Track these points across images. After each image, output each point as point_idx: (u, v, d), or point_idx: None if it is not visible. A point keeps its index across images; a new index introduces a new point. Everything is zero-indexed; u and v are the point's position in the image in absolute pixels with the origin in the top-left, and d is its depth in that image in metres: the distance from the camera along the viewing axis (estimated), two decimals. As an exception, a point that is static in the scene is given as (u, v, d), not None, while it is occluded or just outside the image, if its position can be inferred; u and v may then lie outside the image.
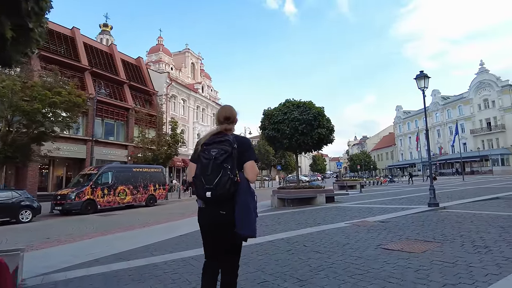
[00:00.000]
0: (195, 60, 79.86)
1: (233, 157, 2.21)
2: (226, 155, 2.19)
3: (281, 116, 14.16)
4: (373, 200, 13.84)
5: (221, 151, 2.20)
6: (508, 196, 11.89)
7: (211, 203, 2.24)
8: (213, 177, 2.16)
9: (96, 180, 15.88)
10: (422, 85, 10.14)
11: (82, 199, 14.89)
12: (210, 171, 2.18)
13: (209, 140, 2.35)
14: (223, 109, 2.59)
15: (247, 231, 2.20)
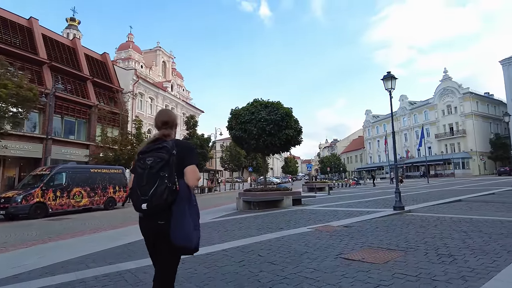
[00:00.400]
0: (166, 59, 78.04)
1: (170, 164, 2.09)
2: (162, 163, 2.08)
3: (249, 116, 13.66)
4: (340, 203, 13.64)
5: (157, 159, 2.09)
6: (469, 199, 12.03)
7: (154, 214, 2.13)
8: (149, 187, 2.05)
9: (48, 182, 14.62)
10: (389, 86, 9.99)
11: (30, 202, 13.61)
12: (146, 182, 2.08)
13: (146, 148, 2.24)
14: (160, 114, 2.48)
15: (181, 241, 2.07)
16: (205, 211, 13.77)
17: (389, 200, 13.03)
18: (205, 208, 15.87)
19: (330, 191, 21.98)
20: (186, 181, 2.14)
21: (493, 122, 57.48)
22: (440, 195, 14.83)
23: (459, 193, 15.21)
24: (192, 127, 30.17)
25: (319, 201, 15.52)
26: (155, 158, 2.10)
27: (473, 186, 20.65)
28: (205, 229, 7.97)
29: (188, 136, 30.44)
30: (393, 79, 10.02)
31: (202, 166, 31.20)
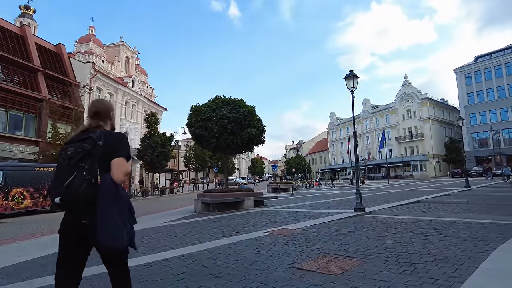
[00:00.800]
0: (130, 54, 74.99)
1: (93, 155, 1.96)
2: (82, 153, 1.96)
3: (209, 113, 13.01)
4: (302, 204, 13.34)
5: (78, 149, 1.98)
6: (426, 200, 12.17)
7: (70, 210, 2.02)
8: (64, 179, 1.91)
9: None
10: (351, 85, 9.78)
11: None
12: (63, 173, 1.94)
13: (72, 138, 2.14)
14: (92, 104, 2.34)
15: (107, 240, 1.88)
16: (160, 214, 12.94)
17: (350, 201, 12.92)
18: (161, 210, 14.98)
19: (293, 192, 21.78)
20: (111, 175, 1.96)
21: (447, 127, 60.74)
22: (400, 196, 15.00)
23: (418, 194, 15.49)
24: (153, 124, 28.82)
25: (281, 202, 15.17)
26: (75, 148, 1.98)
27: (430, 188, 21.32)
28: (153, 235, 7.25)
29: (149, 135, 29.07)
30: (355, 78, 9.82)
31: (163, 166, 29.94)
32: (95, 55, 62.72)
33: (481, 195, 13.21)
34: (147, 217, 11.97)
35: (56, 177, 1.98)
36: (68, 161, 1.96)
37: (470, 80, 52.77)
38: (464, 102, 52.75)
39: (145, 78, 78.03)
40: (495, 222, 6.75)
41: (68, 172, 1.91)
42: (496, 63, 50.25)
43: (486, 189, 17.56)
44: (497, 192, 14.94)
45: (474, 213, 8.21)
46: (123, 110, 35.70)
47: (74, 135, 2.16)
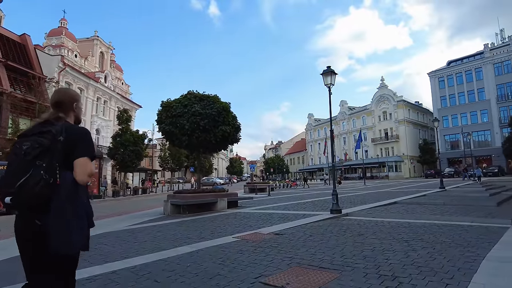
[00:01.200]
0: (105, 50, 72.49)
1: (52, 152, 1.76)
2: (40, 149, 1.75)
3: (181, 109, 12.26)
4: (278, 205, 12.84)
5: (35, 145, 1.77)
6: (403, 201, 11.96)
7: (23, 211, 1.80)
8: (17, 178, 1.71)
9: None
10: (329, 82, 9.36)
11: None
12: (16, 170, 1.75)
13: (29, 130, 1.92)
14: (54, 92, 2.12)
15: (60, 245, 1.71)
16: (127, 216, 12.09)
17: (327, 202, 12.55)
18: (129, 212, 14.10)
19: (270, 192, 21.32)
20: (74, 176, 1.79)
21: (421, 129, 62.31)
22: (376, 197, 14.80)
23: (394, 195, 15.36)
24: (125, 122, 27.57)
25: (257, 203, 14.63)
26: (32, 143, 1.79)
27: (405, 188, 21.42)
28: (111, 240, 6.51)
29: (120, 132, 27.80)
30: (333, 74, 9.41)
31: (136, 165, 28.74)
32: (67, 49, 60.09)
33: (456, 196, 13.17)
34: (113, 220, 11.13)
35: (7, 174, 1.79)
36: (22, 157, 1.77)
37: (443, 83, 54.29)
38: (438, 105, 54.21)
39: (120, 75, 75.63)
40: (474, 225, 6.47)
41: (22, 169, 1.73)
42: (467, 68, 51.94)
43: (460, 189, 17.73)
44: (470, 192, 15.01)
45: (452, 214, 7.96)
46: (94, 107, 34.11)
47: (30, 127, 1.97)
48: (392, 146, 58.82)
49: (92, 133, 33.69)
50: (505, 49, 48.51)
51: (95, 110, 34.03)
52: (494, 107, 48.43)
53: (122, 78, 75.65)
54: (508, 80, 47.45)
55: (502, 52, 48.60)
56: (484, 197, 12.34)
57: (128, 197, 27.05)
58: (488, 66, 49.50)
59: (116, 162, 27.90)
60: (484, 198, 11.93)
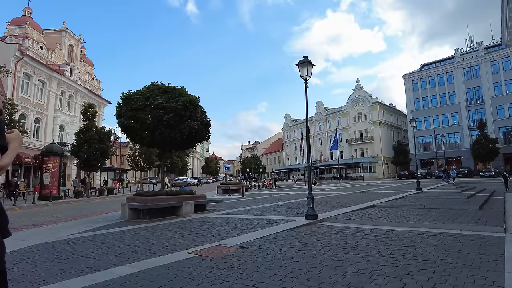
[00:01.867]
0: (74, 43, 68.79)
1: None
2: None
3: (142, 101, 11.00)
4: (250, 208, 11.83)
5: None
6: (382, 204, 11.27)
7: None
8: None
9: None
10: (305, 73, 8.46)
11: None
12: None
13: None
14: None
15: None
16: (79, 221, 10.71)
17: (302, 205, 11.70)
18: (86, 215, 12.68)
19: (244, 194, 20.30)
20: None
21: (395, 131, 63.35)
22: (353, 199, 14.12)
23: (372, 197, 14.74)
24: (90, 117, 25.70)
25: (228, 205, 13.58)
26: None
27: (381, 189, 21.03)
28: (39, 256, 5.29)
29: (85, 129, 25.90)
30: (310, 65, 8.51)
31: (101, 164, 26.90)
32: (32, 40, 56.54)
33: (435, 199, 12.68)
34: (60, 226, 9.75)
35: None
36: None
37: (416, 86, 55.34)
38: (411, 107, 55.16)
39: (91, 69, 72.14)
40: (466, 234, 5.74)
41: None
42: (439, 72, 53.16)
43: (436, 191, 17.42)
44: (448, 194, 14.63)
45: (437, 221, 7.24)
46: (58, 101, 31.78)
47: None
48: (367, 147, 59.37)
49: (55, 129, 31.57)
50: (474, 55, 49.99)
51: (59, 105, 31.71)
52: (463, 110, 49.79)
53: (93, 73, 72.26)
54: (477, 84, 48.93)
55: (471, 58, 50.06)
56: (463, 200, 11.88)
57: (92, 198, 25.20)
58: (458, 70, 50.86)
59: (79, 161, 25.96)
60: (463, 201, 11.45)
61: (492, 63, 47.57)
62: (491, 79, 47.36)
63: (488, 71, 47.67)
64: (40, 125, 28.86)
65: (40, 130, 28.88)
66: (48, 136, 28.63)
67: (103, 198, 25.45)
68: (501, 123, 45.97)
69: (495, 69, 47.26)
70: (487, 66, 47.84)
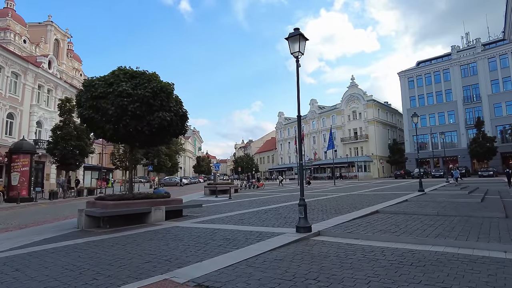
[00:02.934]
0: (60, 37, 66.61)
1: None
2: None
3: (104, 88, 9.25)
4: (232, 214, 10.15)
5: None
6: (386, 210, 9.68)
7: None
8: None
9: None
10: (296, 49, 6.79)
11: None
12: None
13: None
14: None
15: None
16: (27, 231, 9.02)
17: (294, 210, 10.07)
18: (41, 222, 10.88)
19: (235, 194, 18.61)
20: None
21: (390, 129, 62.11)
22: (351, 202, 12.52)
23: (371, 200, 13.16)
24: (68, 112, 23.78)
25: (210, 210, 11.90)
26: None
27: (380, 190, 19.53)
28: None
29: (62, 124, 23.98)
30: (302, 39, 6.84)
31: (79, 163, 25.01)
32: (14, 33, 54.28)
33: (444, 203, 11.14)
34: None
35: None
36: None
37: (412, 84, 54.09)
38: (407, 105, 53.94)
39: (79, 65, 69.99)
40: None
41: None
42: (435, 69, 51.97)
43: (441, 193, 15.94)
44: (455, 197, 13.11)
45: (464, 234, 5.64)
46: (35, 95, 29.68)
47: None
48: (361, 146, 58.04)
49: (31, 125, 29.45)
50: (471, 52, 48.87)
51: (36, 99, 29.61)
52: (460, 108, 48.66)
53: (80, 68, 70.05)
54: (474, 82, 47.80)
55: (468, 55, 48.94)
56: (477, 204, 10.35)
57: (69, 199, 23.26)
58: (455, 67, 49.71)
59: (56, 159, 24.02)
60: (478, 206, 9.92)
61: (489, 60, 46.48)
62: (488, 76, 46.26)
63: (485, 68, 46.57)
64: (13, 120, 26.77)
65: (14, 126, 26.79)
66: (24, 133, 26.56)
67: (81, 200, 23.51)
68: (498, 122, 44.89)
69: (492, 66, 46.17)
70: (484, 63, 46.73)
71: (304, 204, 6.28)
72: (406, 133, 54.47)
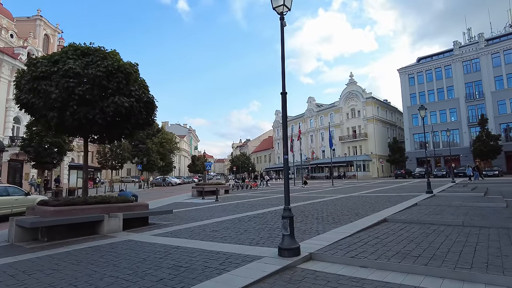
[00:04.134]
0: (50, 32, 64.49)
1: None
2: None
3: (47, 67, 7.43)
4: (208, 223, 8.33)
5: None
6: (396, 218, 7.88)
7: None
8: None
9: None
10: (281, 3, 4.97)
11: None
12: None
13: None
14: None
15: None
16: None
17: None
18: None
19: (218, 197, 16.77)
20: None
21: (390, 128, 60.37)
22: (352, 206, 10.74)
23: (375, 203, 11.38)
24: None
25: (186, 216, 10.11)
26: None
27: (382, 191, 17.77)
28: None
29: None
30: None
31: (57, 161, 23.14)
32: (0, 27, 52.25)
33: (462, 207, 9.39)
34: None
35: None
36: None
37: (413, 80, 52.35)
38: (407, 103, 52.23)
39: (69, 61, 67.96)
40: None
41: None
42: (437, 65, 50.23)
43: (451, 195, 14.19)
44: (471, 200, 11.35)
45: None
46: (11, 89, 27.74)
47: None
48: (360, 144, 56.27)
49: (8, 121, 27.51)
50: (474, 47, 47.17)
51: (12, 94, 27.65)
52: (462, 106, 46.97)
53: (71, 65, 68.00)
54: (477, 78, 46.11)
55: (471, 50, 47.23)
56: (503, 209, 8.61)
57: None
58: (457, 63, 48.00)
59: (30, 157, 22.13)
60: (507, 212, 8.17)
61: (493, 55, 44.75)
62: (492, 72, 44.53)
63: (489, 64, 44.84)
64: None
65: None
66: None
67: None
68: (502, 119, 43.18)
69: (496, 62, 44.46)
70: (488, 59, 45.01)
71: (289, 216, 4.48)
72: (406, 132, 52.76)
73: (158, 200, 17.37)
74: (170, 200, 17.55)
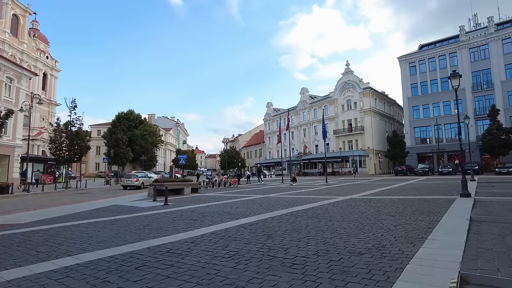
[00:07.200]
0: (20, 12, 58.89)
1: None
2: None
3: None
4: (100, 257, 3.89)
5: None
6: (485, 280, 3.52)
7: None
8: None
9: None
10: None
11: None
12: None
13: None
14: None
15: None
16: None
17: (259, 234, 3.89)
18: None
19: (167, 200, 12.23)
20: None
21: (388, 121, 56.35)
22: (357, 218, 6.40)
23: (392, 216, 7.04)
24: None
25: (80, 236, 5.63)
26: None
27: (390, 193, 13.55)
28: None
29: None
30: None
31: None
32: (-41, 4, 46.85)
33: None
34: None
35: None
36: None
37: (414, 69, 48.26)
38: (408, 94, 48.10)
39: (45, 47, 62.44)
40: None
41: None
42: (441, 52, 46.17)
43: (492, 199, 9.92)
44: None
45: None
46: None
47: None
48: (356, 138, 52.15)
49: None
50: (483, 32, 43.12)
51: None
52: (469, 97, 42.99)
53: (47, 51, 62.66)
54: (485, 67, 42.14)
55: (479, 36, 43.20)
56: None
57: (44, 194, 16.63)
58: (463, 50, 43.99)
59: None
60: None
61: (503, 41, 40.75)
62: (502, 60, 40.54)
63: (499, 51, 40.82)
64: None
65: None
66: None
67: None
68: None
69: (507, 48, 40.46)
70: (498, 45, 40.99)
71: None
72: (406, 125, 48.69)
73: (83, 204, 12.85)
74: (110, 202, 12.98)
